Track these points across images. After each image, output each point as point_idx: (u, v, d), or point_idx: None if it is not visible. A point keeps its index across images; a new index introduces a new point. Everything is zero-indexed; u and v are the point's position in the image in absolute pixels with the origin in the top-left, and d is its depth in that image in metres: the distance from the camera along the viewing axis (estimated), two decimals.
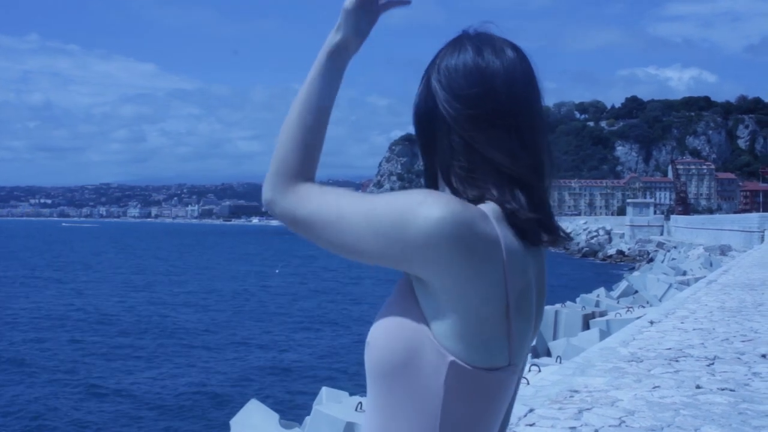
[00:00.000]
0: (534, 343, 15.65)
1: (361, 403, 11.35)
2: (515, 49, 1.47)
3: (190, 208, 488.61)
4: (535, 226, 1.39)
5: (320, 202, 1.38)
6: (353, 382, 18.89)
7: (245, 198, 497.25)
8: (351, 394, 12.30)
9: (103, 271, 66.76)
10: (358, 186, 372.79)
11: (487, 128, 1.39)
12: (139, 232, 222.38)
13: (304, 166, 1.48)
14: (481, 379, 1.31)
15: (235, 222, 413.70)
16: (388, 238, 1.27)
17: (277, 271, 68.29)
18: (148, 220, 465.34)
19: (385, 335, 1.32)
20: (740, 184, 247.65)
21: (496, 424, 1.40)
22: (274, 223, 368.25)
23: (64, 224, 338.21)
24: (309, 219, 1.39)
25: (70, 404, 19.54)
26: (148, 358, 25.62)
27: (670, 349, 9.45)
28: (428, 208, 1.25)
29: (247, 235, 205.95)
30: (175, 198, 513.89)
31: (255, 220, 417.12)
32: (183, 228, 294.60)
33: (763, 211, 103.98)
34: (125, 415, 18.64)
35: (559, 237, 1.44)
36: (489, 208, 1.35)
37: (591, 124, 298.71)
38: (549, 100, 1.51)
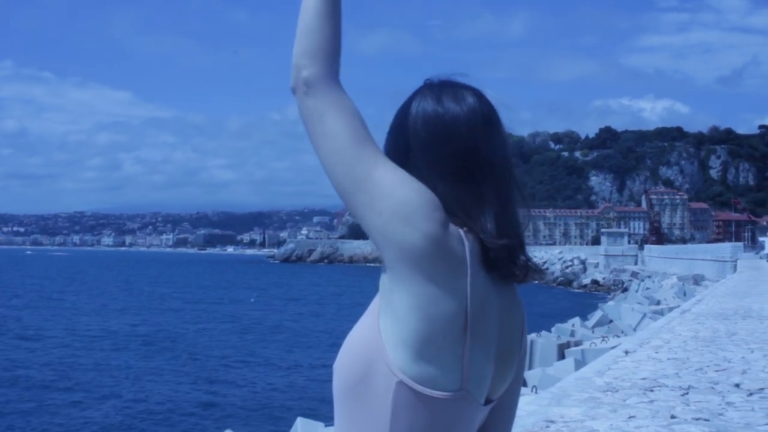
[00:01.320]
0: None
1: None
2: (477, 95, 1.49)
3: (164, 236, 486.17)
4: (505, 255, 1.41)
5: (343, 133, 1.36)
6: (329, 412, 18.79)
7: (220, 227, 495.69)
8: (326, 425, 12.23)
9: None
10: (334, 215, 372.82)
11: (446, 168, 1.42)
12: (102, 260, 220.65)
13: (337, 54, 1.45)
14: (431, 404, 1.30)
15: (210, 251, 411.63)
16: (381, 218, 1.29)
17: (252, 300, 67.95)
18: (122, 248, 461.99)
19: (346, 355, 1.34)
20: (713, 213, 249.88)
21: None
22: (249, 252, 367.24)
23: (28, 252, 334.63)
24: (326, 136, 1.37)
25: None
26: (117, 387, 25.33)
27: (645, 378, 9.47)
28: (429, 224, 1.28)
29: (222, 264, 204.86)
30: (150, 227, 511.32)
31: (230, 249, 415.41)
32: (156, 257, 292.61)
33: (736, 241, 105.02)
34: None
35: (529, 270, 1.46)
36: (462, 233, 1.36)
37: (565, 154, 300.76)
38: (524, 130, 1.56)
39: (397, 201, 1.29)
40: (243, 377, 27.43)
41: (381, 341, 1.30)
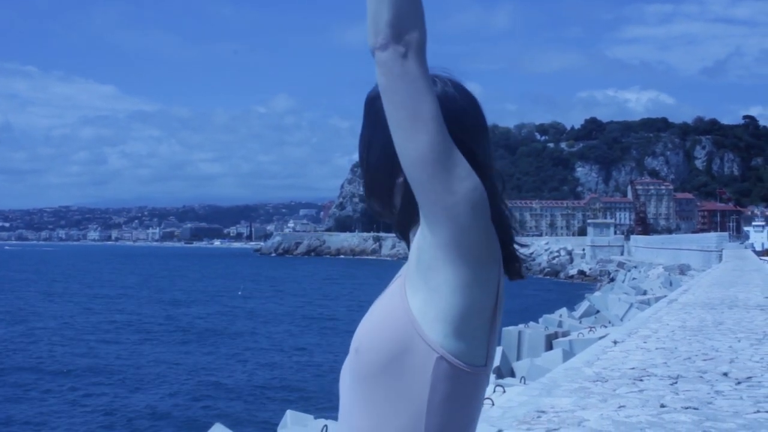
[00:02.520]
0: (498, 363, 15.74)
1: (326, 426, 11.31)
2: (460, 89, 1.54)
3: (151, 230, 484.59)
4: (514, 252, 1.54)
5: (434, 105, 1.33)
6: (318, 405, 18.83)
7: (207, 220, 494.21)
8: (316, 418, 12.25)
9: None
10: (320, 208, 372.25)
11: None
12: (94, 254, 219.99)
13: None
14: (462, 378, 1.37)
15: (196, 244, 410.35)
16: (453, 198, 1.31)
17: (239, 292, 67.91)
18: (108, 243, 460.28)
19: (374, 337, 1.37)
20: (698, 204, 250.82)
21: (474, 429, 1.46)
22: (236, 245, 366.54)
23: (6, 248, 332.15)
24: (418, 101, 1.32)
25: None
26: (108, 378, 25.30)
27: (633, 368, 9.54)
28: (487, 213, 1.36)
29: (209, 257, 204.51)
30: (136, 221, 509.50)
31: (217, 243, 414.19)
32: (143, 251, 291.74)
33: (721, 231, 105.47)
34: None
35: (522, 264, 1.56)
36: None
37: (551, 145, 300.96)
38: (509, 121, 1.59)
39: (472, 186, 1.32)
40: (231, 370, 27.43)
41: (415, 319, 1.35)
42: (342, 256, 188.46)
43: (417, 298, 1.37)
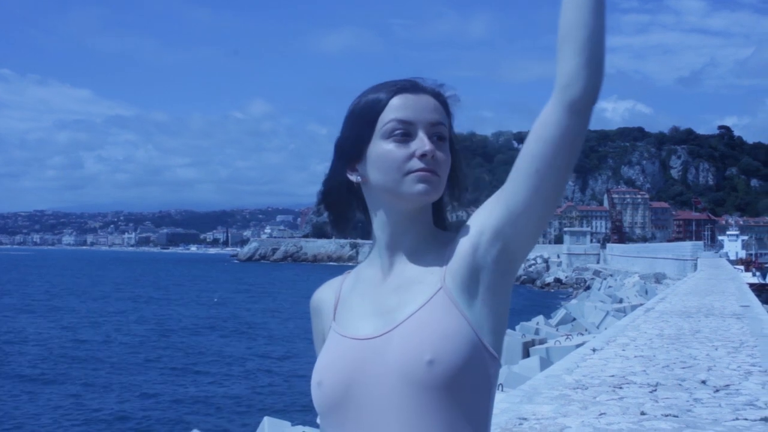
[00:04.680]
0: None
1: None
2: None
3: (126, 235, 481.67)
4: None
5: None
6: (295, 412, 18.77)
7: (183, 226, 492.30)
8: (294, 425, 12.24)
9: None
10: (297, 214, 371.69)
11: None
12: (71, 259, 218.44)
13: None
14: (498, 374, 1.52)
15: (172, 250, 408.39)
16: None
17: (215, 299, 67.61)
18: (84, 247, 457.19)
19: (447, 350, 1.42)
20: (673, 213, 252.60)
21: None
22: (212, 251, 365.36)
23: None
24: (575, 155, 1.50)
25: None
26: (84, 387, 25.11)
27: (613, 376, 9.58)
28: None
29: (185, 263, 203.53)
30: (112, 225, 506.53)
31: (193, 248, 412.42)
32: (118, 256, 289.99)
33: (696, 240, 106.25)
34: None
35: None
36: None
37: None
38: (487, 129, 1.63)
39: None
40: (209, 376, 27.30)
41: (476, 330, 1.45)
42: (319, 263, 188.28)
43: (475, 313, 1.47)
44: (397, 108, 1.51)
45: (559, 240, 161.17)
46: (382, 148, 1.50)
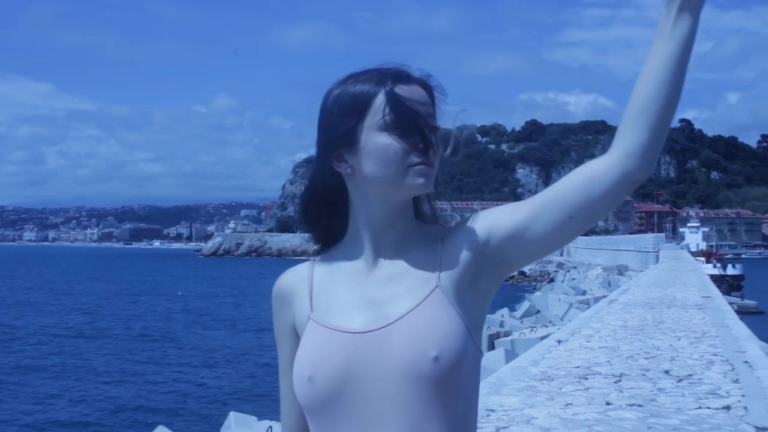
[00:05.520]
0: None
1: (271, 427, 11.25)
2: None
3: (89, 231, 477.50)
4: None
5: None
6: (261, 405, 18.72)
7: (146, 221, 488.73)
8: (260, 419, 12.20)
9: None
10: (262, 208, 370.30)
11: None
12: (32, 255, 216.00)
13: None
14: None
15: (136, 245, 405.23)
16: None
17: (179, 293, 67.23)
18: (45, 243, 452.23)
19: (449, 346, 1.45)
20: (635, 205, 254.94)
21: None
22: (176, 246, 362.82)
23: None
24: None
25: None
26: (50, 383, 24.86)
27: (578, 367, 9.67)
28: None
29: (148, 258, 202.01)
30: (74, 221, 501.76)
31: (156, 243, 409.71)
32: (81, 251, 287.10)
33: (658, 232, 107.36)
34: None
35: None
36: None
37: (492, 147, 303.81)
38: (451, 123, 1.62)
39: None
40: (174, 371, 27.15)
41: (468, 326, 1.49)
42: (284, 257, 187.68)
43: (466, 310, 1.51)
44: (393, 99, 1.49)
45: None
46: (380, 141, 1.48)
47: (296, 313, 1.62)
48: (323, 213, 1.62)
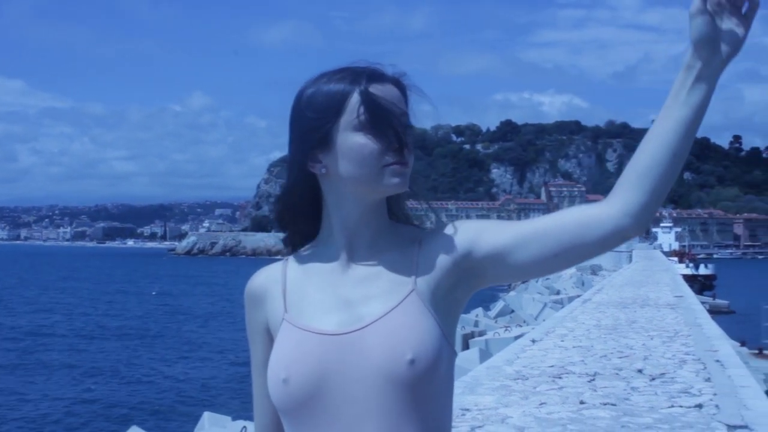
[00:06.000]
0: None
1: (245, 427, 11.21)
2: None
3: (62, 230, 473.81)
4: None
5: None
6: (236, 405, 18.67)
7: (120, 220, 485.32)
8: (234, 419, 12.16)
9: None
10: (236, 207, 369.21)
11: None
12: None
13: None
14: None
15: (109, 244, 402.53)
16: None
17: (153, 293, 66.92)
18: (17, 242, 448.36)
19: (425, 349, 1.45)
20: None
21: None
22: (150, 245, 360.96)
23: None
24: None
25: None
26: (20, 381, 24.67)
27: (552, 366, 9.72)
28: None
29: (122, 257, 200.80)
30: (47, 220, 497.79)
31: (130, 242, 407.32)
32: (53, 250, 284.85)
33: None
34: None
35: None
36: None
37: (467, 146, 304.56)
38: (426, 122, 1.62)
39: None
40: (147, 372, 27.02)
41: (443, 330, 1.50)
42: (258, 257, 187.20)
43: (440, 314, 1.51)
44: (368, 99, 1.48)
45: None
46: (355, 141, 1.48)
47: (269, 313, 1.61)
48: (299, 213, 1.60)
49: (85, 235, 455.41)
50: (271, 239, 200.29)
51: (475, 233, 1.54)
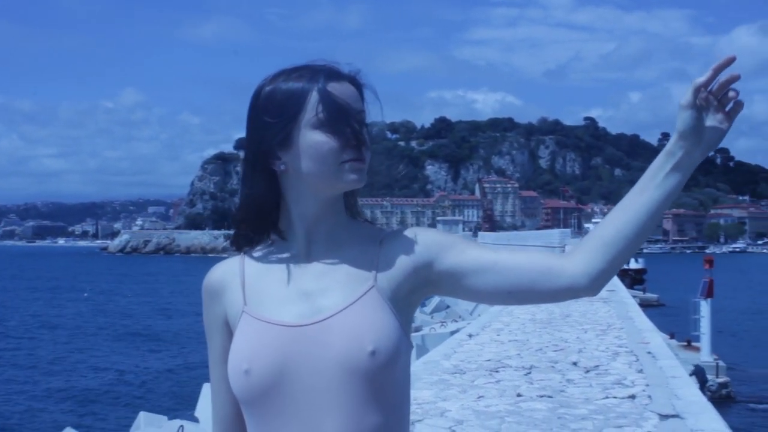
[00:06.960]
0: None
1: (182, 426, 11.11)
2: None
3: None
4: None
5: None
6: (173, 405, 18.51)
7: (50, 218, 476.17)
8: (170, 418, 12.05)
9: None
10: (170, 205, 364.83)
11: None
12: None
13: None
14: None
15: (39, 243, 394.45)
16: None
17: (85, 294, 65.78)
18: None
19: (385, 342, 1.49)
20: (542, 201, 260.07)
21: None
22: (82, 243, 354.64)
23: None
24: None
25: None
26: None
27: (489, 360, 9.85)
28: None
29: (53, 256, 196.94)
30: None
31: (61, 241, 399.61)
32: None
33: (564, 227, 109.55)
34: None
35: None
36: None
37: (402, 143, 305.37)
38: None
39: None
40: (80, 373, 26.60)
41: (401, 324, 1.54)
42: (193, 255, 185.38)
43: (399, 309, 1.55)
44: (326, 97, 1.51)
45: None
46: (314, 139, 1.51)
47: (228, 306, 1.62)
48: (263, 211, 1.61)
49: (14, 234, 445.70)
50: (206, 237, 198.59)
51: (439, 247, 1.58)
